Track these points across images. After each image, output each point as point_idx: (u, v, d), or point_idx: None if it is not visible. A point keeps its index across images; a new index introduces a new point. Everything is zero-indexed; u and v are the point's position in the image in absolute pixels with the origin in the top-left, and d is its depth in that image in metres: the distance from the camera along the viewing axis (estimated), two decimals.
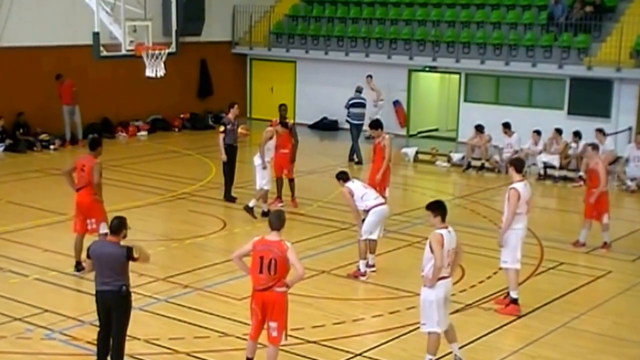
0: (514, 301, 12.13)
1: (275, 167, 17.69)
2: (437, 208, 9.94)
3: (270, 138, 16.88)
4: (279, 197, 17.92)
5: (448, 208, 10.07)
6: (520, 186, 12.08)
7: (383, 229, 13.87)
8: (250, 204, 16.76)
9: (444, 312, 9.91)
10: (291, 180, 17.89)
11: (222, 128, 17.85)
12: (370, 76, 25.60)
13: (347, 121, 23.77)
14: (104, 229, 12.96)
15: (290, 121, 18.09)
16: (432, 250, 9.73)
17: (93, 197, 13.23)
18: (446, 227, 9.85)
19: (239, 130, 17.94)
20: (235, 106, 18.19)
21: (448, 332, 10.14)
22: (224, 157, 17.83)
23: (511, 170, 12.44)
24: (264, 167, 16.73)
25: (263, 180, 16.79)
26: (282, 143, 17.56)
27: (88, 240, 11.84)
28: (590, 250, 15.26)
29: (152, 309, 11.89)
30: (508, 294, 12.30)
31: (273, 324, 9.43)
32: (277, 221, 9.47)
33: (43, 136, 23.83)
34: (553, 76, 24.68)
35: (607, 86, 23.77)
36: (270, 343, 9.53)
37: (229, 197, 18.13)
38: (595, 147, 16.09)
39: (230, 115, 17.98)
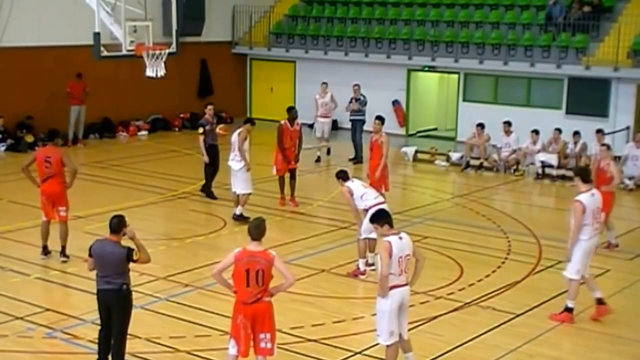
0: (568, 310, 11.87)
1: (281, 167, 17.90)
2: (380, 218, 9.59)
3: (245, 139, 16.57)
4: (284, 196, 18.02)
5: (447, 207, 10.12)
6: (586, 197, 11.63)
7: None
8: (237, 212, 16.58)
9: (397, 323, 9.56)
10: (292, 178, 17.97)
11: (201, 130, 18.14)
12: (325, 83, 24.10)
13: (352, 120, 23.63)
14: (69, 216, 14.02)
15: (298, 122, 18.24)
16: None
17: (62, 185, 13.88)
18: (397, 234, 9.50)
19: (218, 130, 18.25)
20: (210, 106, 18.61)
21: (403, 341, 9.80)
22: (206, 158, 18.14)
23: (577, 180, 11.89)
24: (248, 169, 16.53)
25: (248, 183, 16.63)
26: (292, 142, 17.89)
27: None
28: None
29: (153, 308, 11.96)
30: (598, 300, 11.97)
31: (265, 335, 9.08)
32: (256, 231, 9.05)
33: (26, 137, 23.78)
34: (551, 76, 24.75)
35: (605, 86, 23.84)
36: (263, 355, 9.20)
37: (209, 193, 18.46)
38: (608, 147, 16.12)
39: (207, 116, 18.24)
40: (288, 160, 17.89)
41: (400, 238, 9.47)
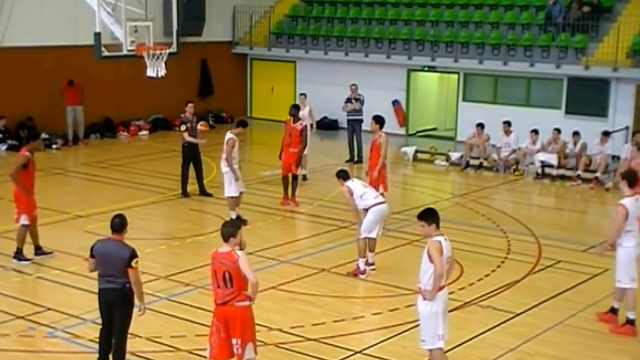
0: (630, 322, 11.47)
1: (284, 166, 17.99)
2: (430, 216, 9.29)
3: (233, 146, 16.28)
4: (286, 196, 18.06)
5: (446, 207, 10.11)
6: (629, 202, 11.23)
7: (382, 228, 13.99)
8: (233, 216, 16.42)
9: (443, 326, 9.29)
10: (294, 178, 18.03)
11: (183, 127, 18.35)
12: (304, 94, 22.17)
13: (351, 119, 23.52)
14: (23, 220, 13.89)
15: (302, 121, 18.25)
16: (431, 260, 9.10)
17: (17, 188, 13.90)
18: (442, 235, 9.26)
19: (199, 127, 18.36)
20: (191, 104, 18.73)
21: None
22: (202, 141, 18.58)
23: (623, 184, 11.50)
24: (237, 179, 16.28)
25: (231, 186, 16.37)
26: (293, 143, 17.97)
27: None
28: (587, 248, 15.37)
29: (153, 307, 11.95)
30: (612, 308, 11.77)
31: (237, 341, 8.99)
32: (222, 232, 9.04)
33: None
34: (551, 76, 24.79)
35: (604, 86, 23.87)
36: None
37: (204, 192, 18.68)
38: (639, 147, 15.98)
39: (187, 114, 18.41)
40: (286, 162, 17.91)
41: (445, 239, 9.24)
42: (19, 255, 13.99)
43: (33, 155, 13.94)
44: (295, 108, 18.54)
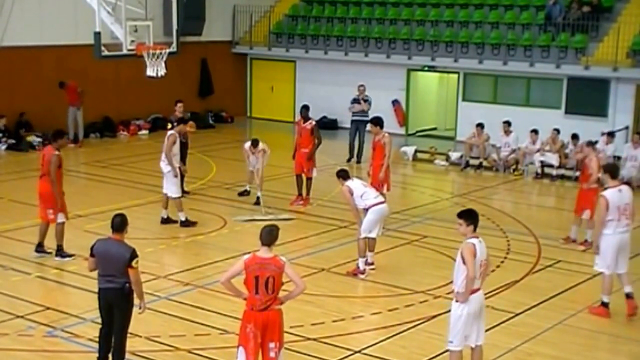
0: (604, 304, 12.05)
1: (296, 165, 18.06)
2: (469, 217, 9.27)
3: (174, 143, 16.20)
4: (300, 195, 18.08)
5: (446, 206, 10.11)
6: (610, 193, 11.80)
7: (382, 227, 13.98)
8: (182, 218, 16.25)
9: (471, 328, 9.24)
10: (309, 179, 18.05)
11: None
12: (256, 141, 17.93)
13: (356, 120, 23.34)
14: (61, 218, 13.86)
15: (312, 121, 18.24)
16: (464, 262, 9.04)
17: (51, 186, 13.75)
18: (477, 237, 9.17)
19: (186, 128, 18.33)
20: (180, 104, 18.61)
21: (475, 351, 9.45)
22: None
23: (606, 176, 12.08)
24: (176, 175, 16.10)
25: (174, 187, 16.18)
26: (304, 142, 18.01)
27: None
28: (587, 248, 15.36)
29: (153, 307, 11.93)
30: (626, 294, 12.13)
31: (275, 345, 8.90)
32: (268, 236, 8.88)
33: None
34: (551, 76, 24.80)
35: (604, 86, 23.88)
36: None
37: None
38: (590, 143, 16.23)
39: (177, 113, 18.34)
40: (298, 162, 17.98)
41: (480, 242, 9.19)
42: (61, 252, 14.01)
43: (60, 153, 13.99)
44: (306, 109, 18.52)
